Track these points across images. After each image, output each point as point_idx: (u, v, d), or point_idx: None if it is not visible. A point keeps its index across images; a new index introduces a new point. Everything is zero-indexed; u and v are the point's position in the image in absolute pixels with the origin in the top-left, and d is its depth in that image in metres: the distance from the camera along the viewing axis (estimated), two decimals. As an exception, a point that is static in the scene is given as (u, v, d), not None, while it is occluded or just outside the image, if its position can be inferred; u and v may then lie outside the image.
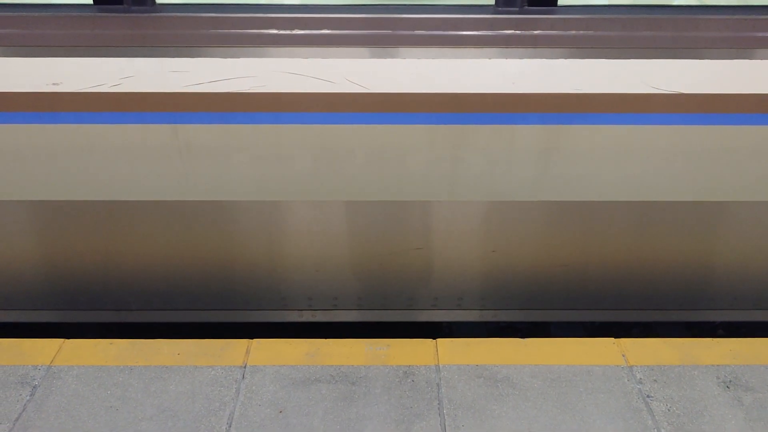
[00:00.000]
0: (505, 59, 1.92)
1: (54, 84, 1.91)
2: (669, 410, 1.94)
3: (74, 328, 2.77)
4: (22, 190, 2.10)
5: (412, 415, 1.92)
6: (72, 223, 2.17)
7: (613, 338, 2.23)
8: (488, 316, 2.45)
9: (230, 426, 1.88)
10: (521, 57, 1.92)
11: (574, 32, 1.92)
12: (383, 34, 1.92)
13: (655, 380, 2.05)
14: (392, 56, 1.93)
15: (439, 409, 1.94)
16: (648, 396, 1.99)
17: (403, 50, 1.92)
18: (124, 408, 1.93)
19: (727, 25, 1.93)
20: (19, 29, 1.90)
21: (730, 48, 1.92)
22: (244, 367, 2.09)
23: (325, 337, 2.25)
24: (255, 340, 2.21)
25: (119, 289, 2.35)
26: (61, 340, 2.20)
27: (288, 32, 1.91)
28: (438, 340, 2.21)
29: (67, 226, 2.18)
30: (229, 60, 1.90)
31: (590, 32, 1.93)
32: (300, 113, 1.97)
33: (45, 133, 1.99)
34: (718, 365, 2.11)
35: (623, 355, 2.14)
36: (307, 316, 2.44)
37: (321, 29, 1.91)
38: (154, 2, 1.92)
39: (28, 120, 1.97)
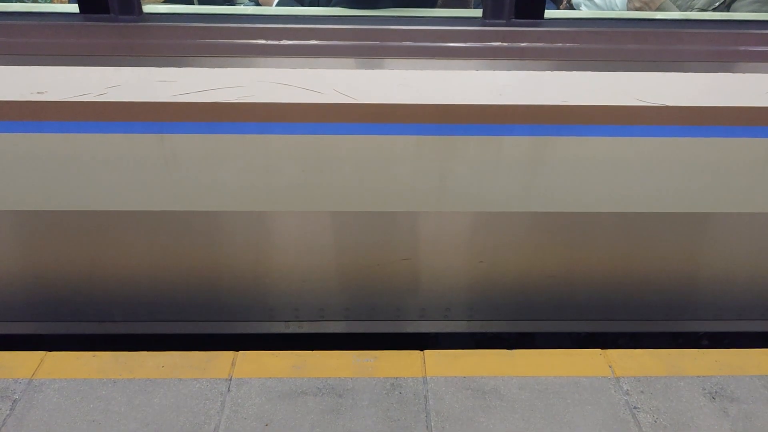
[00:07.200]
0: (492, 71, 1.93)
1: (39, 93, 1.89)
2: (655, 421, 1.94)
3: (57, 340, 2.72)
4: (5, 199, 2.07)
5: (400, 427, 1.90)
6: (56, 233, 2.14)
7: (600, 349, 2.23)
8: (476, 327, 2.45)
9: (215, 440, 1.85)
10: (508, 69, 1.93)
11: (560, 44, 1.94)
12: (371, 45, 1.93)
13: (641, 391, 2.05)
14: (380, 67, 1.93)
15: (426, 421, 1.93)
16: (635, 407, 1.99)
17: (391, 61, 1.93)
18: (106, 422, 1.90)
19: (711, 39, 1.96)
20: (4, 37, 1.88)
21: (714, 61, 1.95)
22: (230, 379, 2.07)
23: (312, 348, 2.23)
24: (241, 352, 2.18)
25: (103, 300, 2.31)
26: (43, 352, 2.16)
27: (276, 42, 1.91)
28: (425, 351, 2.20)
29: (51, 237, 2.15)
30: (216, 70, 1.90)
31: (576, 45, 1.94)
32: (287, 123, 1.96)
33: (29, 143, 1.96)
34: (703, 376, 2.12)
35: (610, 367, 2.15)
36: (293, 328, 2.42)
37: (309, 40, 1.91)
38: (142, 11, 1.91)
39: (12, 129, 1.94)
